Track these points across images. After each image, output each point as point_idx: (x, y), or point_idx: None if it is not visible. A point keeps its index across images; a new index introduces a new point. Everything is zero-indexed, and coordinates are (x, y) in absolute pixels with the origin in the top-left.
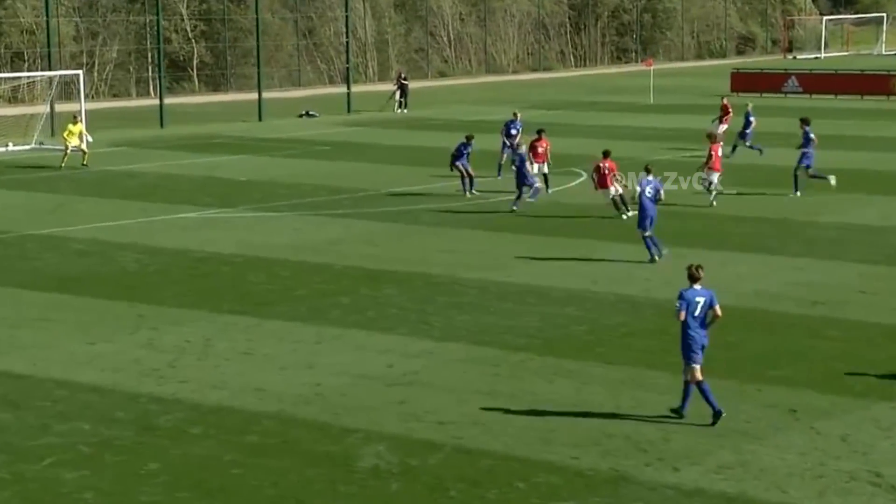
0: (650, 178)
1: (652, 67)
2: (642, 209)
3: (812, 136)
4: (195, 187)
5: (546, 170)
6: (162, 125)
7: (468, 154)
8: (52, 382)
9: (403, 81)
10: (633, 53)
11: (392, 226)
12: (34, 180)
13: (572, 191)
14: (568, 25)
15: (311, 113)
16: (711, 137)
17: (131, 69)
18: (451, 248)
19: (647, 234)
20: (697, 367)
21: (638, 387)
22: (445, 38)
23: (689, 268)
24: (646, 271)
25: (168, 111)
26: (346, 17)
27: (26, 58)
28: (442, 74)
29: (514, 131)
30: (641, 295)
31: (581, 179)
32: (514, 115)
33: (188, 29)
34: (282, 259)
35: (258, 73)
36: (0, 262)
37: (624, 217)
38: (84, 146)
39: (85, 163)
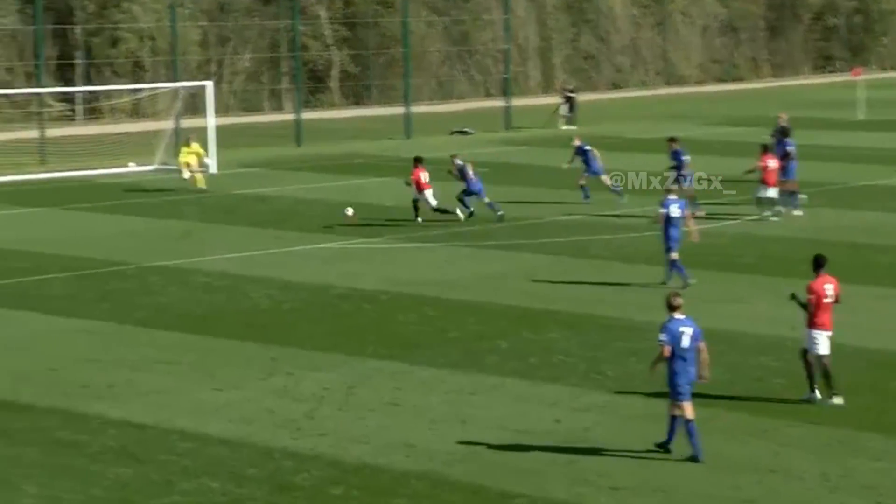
0: (672, 197)
1: (860, 77)
2: (669, 231)
3: None
4: (335, 214)
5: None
6: (298, 143)
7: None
8: (176, 434)
9: (570, 94)
10: (840, 61)
11: (557, 259)
12: (157, 205)
13: (770, 223)
14: (763, 29)
15: (464, 130)
16: None
17: (264, 80)
18: (626, 285)
19: (673, 257)
20: (687, 404)
21: (847, 451)
22: (618, 45)
23: (668, 297)
24: (861, 316)
25: (305, 127)
26: (506, 19)
27: (147, 67)
28: (614, 86)
29: (684, 157)
30: (851, 343)
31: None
32: (673, 140)
33: (328, 34)
34: (432, 296)
35: (406, 85)
36: (120, 297)
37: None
38: (200, 169)
39: (201, 187)
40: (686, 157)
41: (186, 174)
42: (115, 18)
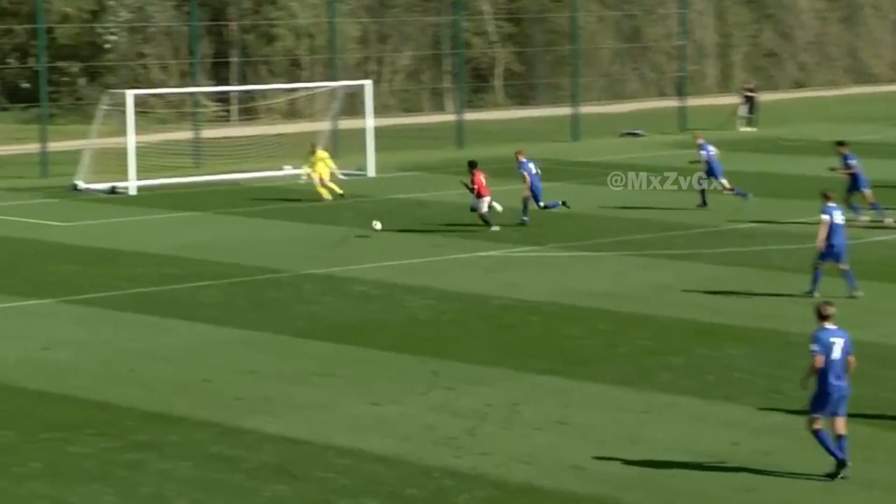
0: (831, 204)
1: None
2: (832, 238)
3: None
4: (496, 220)
5: None
6: (460, 145)
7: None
8: (333, 450)
9: (750, 93)
10: None
11: (736, 270)
12: (313, 210)
13: None
14: None
15: (635, 131)
16: None
17: (424, 79)
18: (813, 299)
19: (844, 266)
20: (840, 419)
21: None
22: (802, 41)
23: (819, 306)
24: None
25: (467, 128)
26: (682, 14)
27: (304, 66)
28: (798, 85)
29: (853, 162)
30: None
31: None
32: (842, 144)
33: (492, 31)
34: (601, 309)
35: (574, 84)
36: (275, 306)
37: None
38: (330, 182)
39: (341, 193)
40: (854, 162)
41: (305, 176)
42: (272, 15)
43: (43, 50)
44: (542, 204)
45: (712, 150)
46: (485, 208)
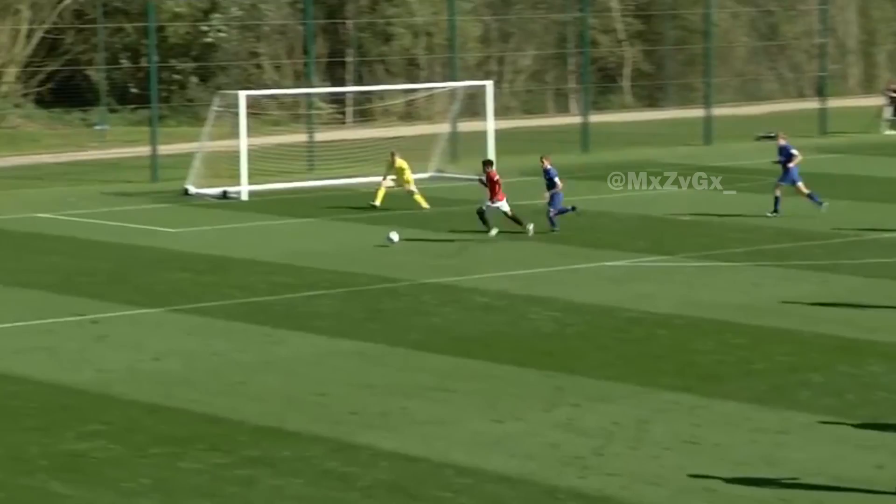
0: None
1: None
2: None
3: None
4: (624, 227)
5: None
6: (584, 149)
7: None
8: (451, 468)
9: (895, 94)
10: None
11: (880, 283)
12: (431, 216)
13: None
14: None
15: (771, 134)
16: None
17: (548, 79)
18: None
19: None
20: None
21: None
22: None
23: None
24: None
25: (592, 131)
26: (823, 10)
27: (423, 66)
28: None
29: None
30: None
31: None
32: None
33: (620, 28)
34: (735, 322)
35: (706, 84)
36: (391, 317)
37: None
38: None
39: (425, 207)
40: None
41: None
42: (389, 13)
43: (153, 49)
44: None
45: (795, 153)
46: (505, 207)
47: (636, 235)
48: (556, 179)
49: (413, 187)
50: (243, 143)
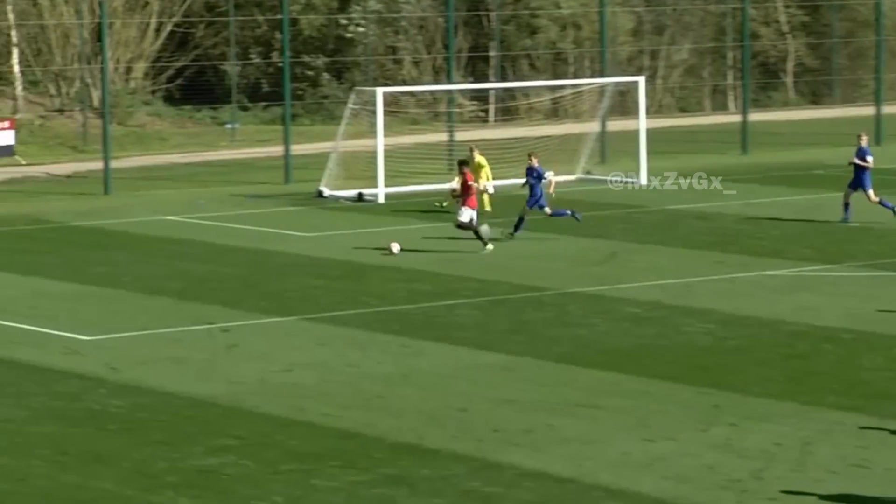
0: None
1: None
2: None
3: None
4: (785, 234)
5: None
6: (744, 149)
7: None
8: (600, 490)
9: None
10: None
11: None
12: (578, 222)
13: None
14: None
15: None
16: None
17: (705, 75)
18: None
19: None
20: None
21: None
22: None
23: None
24: None
25: (752, 130)
26: None
27: (570, 60)
28: None
29: None
30: None
31: None
32: None
33: (783, 20)
34: None
35: (877, 80)
36: (536, 328)
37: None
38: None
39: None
40: None
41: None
42: (534, 4)
43: (287, 43)
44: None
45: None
46: (465, 219)
47: (798, 242)
48: (546, 175)
49: (486, 186)
50: (380, 142)
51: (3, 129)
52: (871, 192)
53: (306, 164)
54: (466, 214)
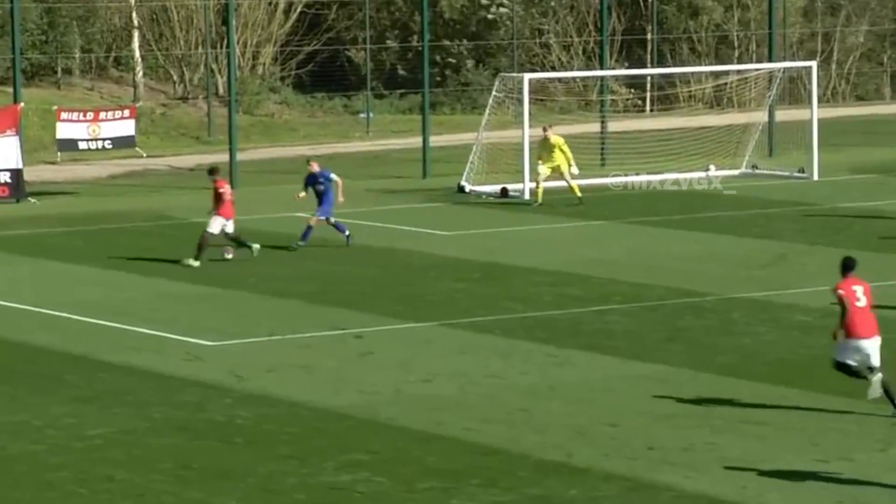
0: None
1: None
2: None
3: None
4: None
5: None
6: None
7: None
8: None
9: None
10: None
11: None
12: (743, 220)
13: None
14: None
15: None
16: None
17: (885, 59)
18: None
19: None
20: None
21: None
22: None
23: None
24: None
25: None
26: None
27: (735, 44)
28: None
29: None
30: None
31: None
32: None
33: None
34: None
35: None
36: (695, 336)
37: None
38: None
39: (580, 196)
40: None
41: (544, 174)
42: None
43: (426, 26)
44: (320, 219)
45: None
46: (216, 230)
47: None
48: (332, 176)
49: (566, 169)
50: (526, 133)
51: (123, 118)
52: None
53: (446, 157)
54: (216, 225)
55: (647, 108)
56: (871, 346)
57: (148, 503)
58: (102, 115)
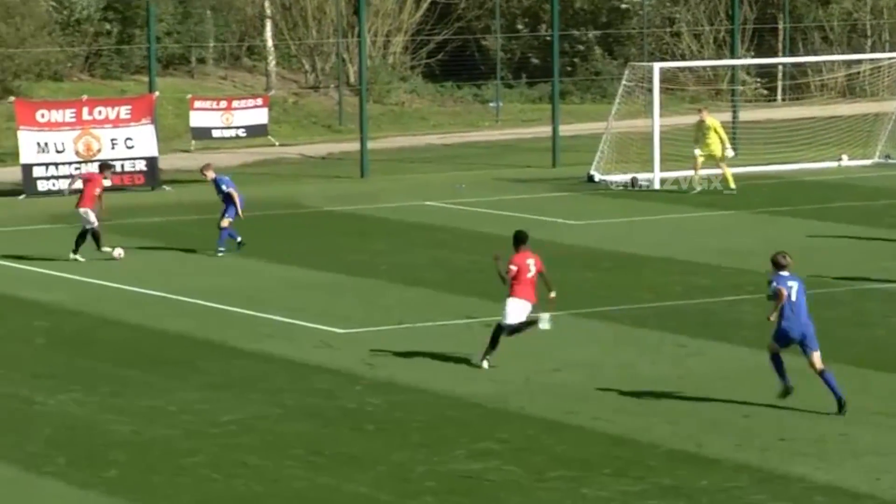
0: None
1: None
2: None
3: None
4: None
5: None
6: None
7: None
8: None
9: None
10: None
11: None
12: (875, 210)
13: None
14: None
15: None
16: None
17: None
18: None
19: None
20: (816, 354)
21: None
22: None
23: (774, 256)
24: None
25: None
26: None
27: (868, 32)
28: None
29: None
30: None
31: None
32: None
33: None
34: None
35: None
36: (828, 328)
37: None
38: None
39: (732, 186)
40: None
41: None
42: None
43: (556, 15)
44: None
45: None
46: (93, 222)
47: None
48: (230, 190)
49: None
50: (656, 122)
51: (255, 107)
52: None
53: (575, 146)
54: (89, 218)
55: (778, 97)
56: None
57: (280, 489)
58: (235, 103)
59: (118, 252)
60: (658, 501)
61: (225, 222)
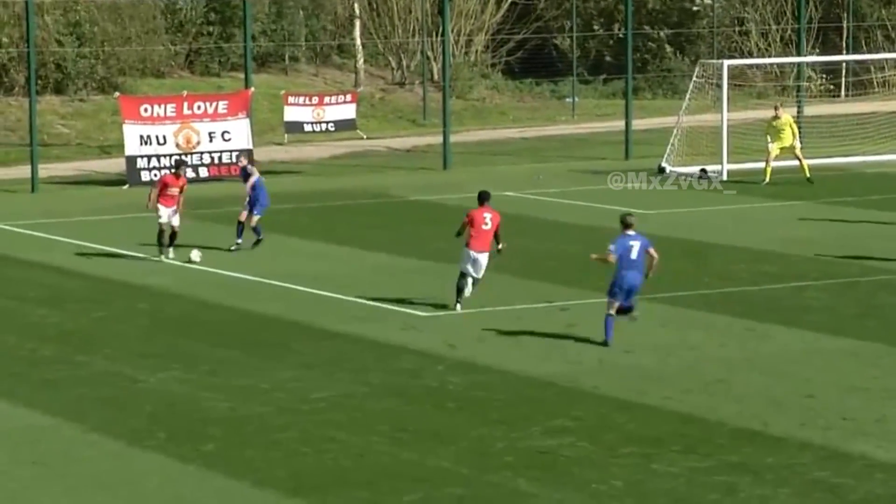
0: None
1: None
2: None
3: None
4: None
5: None
6: None
7: None
8: None
9: None
10: None
11: None
12: None
13: None
14: None
15: None
16: None
17: None
18: None
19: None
20: (616, 303)
21: None
22: None
23: (622, 215)
24: None
25: None
26: None
27: None
28: None
29: None
30: None
31: None
32: None
33: None
34: None
35: None
36: (888, 313)
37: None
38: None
39: (808, 176)
40: None
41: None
42: None
43: (630, 15)
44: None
45: None
46: (163, 218)
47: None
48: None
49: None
50: (724, 117)
51: (345, 102)
52: None
53: (647, 140)
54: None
55: (842, 93)
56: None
57: (367, 463)
58: (326, 99)
59: (195, 254)
60: (725, 477)
61: (254, 220)
